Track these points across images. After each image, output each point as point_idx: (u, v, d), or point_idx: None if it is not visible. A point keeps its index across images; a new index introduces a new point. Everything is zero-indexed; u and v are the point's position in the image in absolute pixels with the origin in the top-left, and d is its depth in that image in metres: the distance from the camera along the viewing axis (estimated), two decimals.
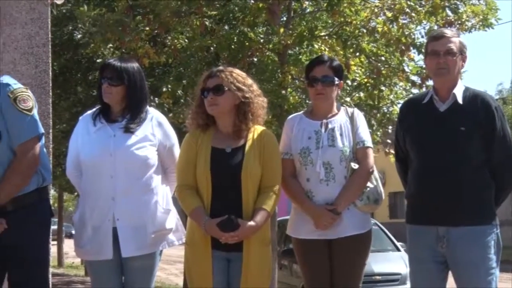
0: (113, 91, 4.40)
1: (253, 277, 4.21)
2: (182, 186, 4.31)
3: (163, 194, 4.48)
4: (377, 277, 10.86)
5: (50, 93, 6.28)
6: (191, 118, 4.40)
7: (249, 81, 4.39)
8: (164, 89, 11.33)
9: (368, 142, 4.62)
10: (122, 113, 4.45)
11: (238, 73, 4.38)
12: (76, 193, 27.86)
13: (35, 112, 4.21)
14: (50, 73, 6.59)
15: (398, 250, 12.29)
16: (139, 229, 4.34)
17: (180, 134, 4.67)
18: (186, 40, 11.19)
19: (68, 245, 26.12)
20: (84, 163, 4.41)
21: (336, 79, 4.61)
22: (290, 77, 10.67)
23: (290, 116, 4.85)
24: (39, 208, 4.28)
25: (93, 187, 4.37)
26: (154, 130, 4.46)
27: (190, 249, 4.32)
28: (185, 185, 4.29)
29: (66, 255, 28.26)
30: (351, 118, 4.63)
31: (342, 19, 10.59)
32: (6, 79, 4.25)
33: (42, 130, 4.25)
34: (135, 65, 4.51)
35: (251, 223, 4.18)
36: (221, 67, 4.42)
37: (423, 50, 10.48)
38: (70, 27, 13.63)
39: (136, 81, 4.44)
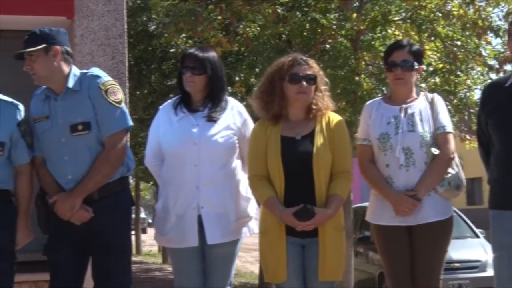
0: (196, 80, 4.42)
1: (330, 261, 4.19)
2: (254, 176, 4.31)
3: (243, 182, 4.50)
4: (456, 264, 10.66)
5: (127, 84, 6.36)
6: (263, 107, 4.36)
7: (320, 70, 4.39)
8: (237, 78, 11.35)
9: (449, 127, 4.54)
10: (203, 102, 4.47)
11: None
12: (152, 182, 28.34)
13: (124, 105, 4.29)
14: (126, 64, 6.66)
15: (477, 236, 12.05)
16: (223, 217, 4.38)
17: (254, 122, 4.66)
18: (258, 28, 11.17)
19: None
20: (167, 152, 4.45)
21: (415, 63, 4.54)
22: (363, 63, 10.56)
23: (368, 102, 4.80)
24: (122, 196, 4.35)
25: (177, 176, 4.40)
26: (235, 119, 4.48)
27: (264, 237, 4.32)
28: (257, 175, 4.29)
29: (143, 243, 28.71)
30: (431, 103, 4.56)
31: (416, 3, 10.42)
32: (96, 71, 4.34)
33: (131, 122, 4.33)
34: (215, 54, 4.54)
35: (327, 210, 4.16)
36: (302, 56, 4.38)
37: (500, 34, 10.29)
38: (144, 18, 13.77)
39: (217, 70, 4.47)
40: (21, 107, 4.33)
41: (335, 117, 4.36)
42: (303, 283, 4.25)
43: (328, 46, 10.96)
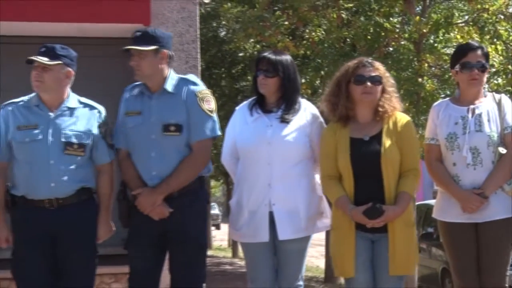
0: (269, 82, 4.40)
1: (400, 255, 4.14)
2: (326, 176, 4.30)
3: (314, 180, 4.48)
4: None
5: None
6: (331, 109, 4.33)
7: (387, 72, 4.35)
8: (303, 80, 11.31)
9: None
10: (277, 103, 4.45)
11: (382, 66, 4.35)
12: (222, 181, 28.51)
13: (215, 114, 4.33)
14: (199, 68, 6.70)
15: None
16: (294, 214, 4.36)
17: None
18: (324, 33, 11.12)
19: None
20: (242, 150, 4.45)
21: (487, 65, 4.50)
22: (426, 65, 10.40)
23: (436, 103, 4.73)
24: (199, 194, 4.36)
25: (250, 174, 4.40)
26: (308, 121, 4.46)
27: (335, 232, 4.30)
28: (329, 175, 4.28)
29: (213, 238, 28.89)
30: (499, 104, 4.47)
31: (479, 6, 10.21)
32: (193, 77, 4.40)
33: (219, 132, 4.36)
34: (288, 57, 4.52)
35: (396, 207, 4.11)
36: (368, 58, 4.35)
37: None
38: (214, 25, 13.85)
39: (290, 73, 4.45)
40: (102, 109, 4.38)
41: (402, 117, 4.31)
42: (372, 277, 4.21)
43: (391, 49, 10.84)
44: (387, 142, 4.19)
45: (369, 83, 4.18)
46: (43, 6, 6.25)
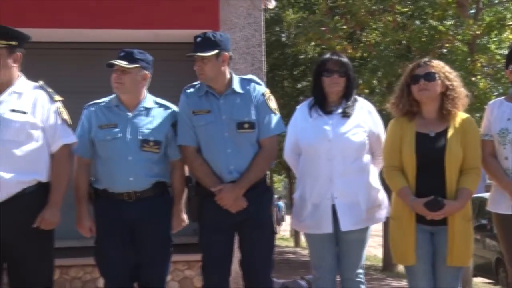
0: (340, 82, 4.39)
1: (458, 248, 4.09)
2: (389, 167, 4.25)
3: (373, 174, 4.45)
4: None
5: None
6: (395, 105, 4.29)
7: (453, 73, 4.27)
8: (361, 81, 11.23)
9: None
10: (337, 102, 4.43)
11: (444, 65, 4.29)
12: (284, 175, 28.51)
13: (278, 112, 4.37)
14: (264, 70, 6.70)
15: None
16: (354, 206, 4.33)
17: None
18: (380, 36, 11.01)
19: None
20: (304, 147, 4.43)
21: None
22: (479, 64, 10.18)
23: (491, 101, 4.65)
24: (266, 187, 4.41)
25: (312, 169, 4.38)
26: (365, 118, 4.43)
27: (395, 222, 4.25)
28: (392, 166, 4.23)
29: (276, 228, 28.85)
30: None
31: None
32: (256, 78, 4.42)
33: (285, 128, 4.39)
34: (347, 59, 4.53)
35: (456, 202, 4.05)
36: (426, 59, 4.29)
37: None
38: (277, 29, 13.86)
39: (351, 72, 4.45)
40: (175, 109, 4.41)
41: (466, 117, 4.26)
42: (431, 267, 4.15)
43: (445, 50, 10.64)
44: (452, 140, 4.13)
45: (423, 80, 4.13)
46: (122, 15, 6.35)
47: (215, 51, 4.19)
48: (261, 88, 4.33)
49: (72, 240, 6.12)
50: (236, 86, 4.29)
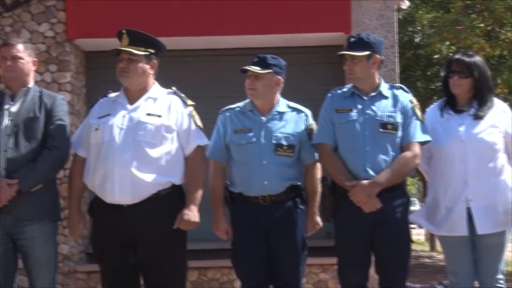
0: (463, 83, 4.28)
1: None
2: None
3: (509, 175, 4.28)
4: None
5: None
6: None
7: None
8: (499, 81, 10.80)
9: None
10: (469, 102, 4.32)
11: None
12: (417, 178, 27.88)
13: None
14: (397, 71, 6.59)
15: None
16: (490, 209, 4.19)
17: None
18: None
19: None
20: (436, 149, 4.34)
21: None
22: None
23: None
24: (405, 192, 4.31)
25: (445, 171, 4.28)
26: (500, 117, 4.28)
27: None
28: None
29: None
30: None
31: None
32: (403, 86, 4.37)
33: (429, 137, 4.24)
34: (480, 58, 4.39)
35: None
36: None
37: None
38: (410, 29, 13.60)
39: (484, 72, 4.31)
40: (308, 113, 4.41)
41: None
42: None
43: None
44: None
45: None
46: (255, 21, 6.44)
47: (367, 52, 4.15)
48: (409, 96, 4.28)
49: (209, 242, 6.28)
50: (384, 89, 4.25)
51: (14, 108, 4.15)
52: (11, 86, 4.21)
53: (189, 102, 4.25)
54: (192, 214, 4.09)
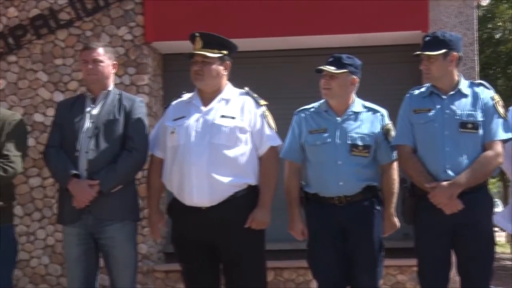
0: None
1: None
2: None
3: None
4: None
5: None
6: None
7: None
8: None
9: None
10: None
11: None
12: (497, 178, 27.18)
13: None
14: (477, 69, 6.45)
15: None
16: None
17: None
18: None
19: None
20: None
21: None
22: None
23: None
24: (487, 192, 4.21)
25: None
26: None
27: None
28: None
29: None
30: None
31: None
32: (484, 82, 4.28)
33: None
34: None
35: None
36: None
37: None
38: (489, 26, 13.31)
39: None
40: (384, 113, 4.37)
41: None
42: None
43: None
44: None
45: None
46: (330, 21, 6.42)
47: (442, 51, 4.09)
48: (490, 93, 4.17)
49: (285, 242, 6.29)
50: (463, 87, 4.17)
51: (95, 111, 4.26)
52: (92, 89, 4.33)
53: (262, 102, 4.27)
54: (264, 214, 4.12)
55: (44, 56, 6.69)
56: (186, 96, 4.34)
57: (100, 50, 4.30)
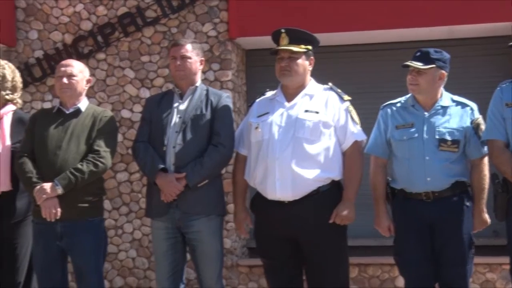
0: None
1: None
2: None
3: None
4: None
5: None
6: None
7: None
8: None
9: None
10: None
11: None
12: None
13: None
14: None
15: None
16: None
17: None
18: None
19: None
20: None
21: None
22: None
23: None
24: None
25: None
26: None
27: None
28: None
29: None
30: None
31: None
32: None
33: None
34: None
35: None
36: None
37: None
38: None
39: None
40: (474, 106, 4.29)
41: None
42: None
43: None
44: None
45: None
46: (416, 14, 6.32)
47: None
48: None
49: (370, 238, 6.25)
50: None
51: (182, 106, 4.34)
52: (180, 85, 4.41)
53: (346, 97, 4.26)
54: (348, 209, 4.11)
55: (131, 53, 6.85)
56: (269, 93, 4.38)
57: (188, 47, 4.37)
